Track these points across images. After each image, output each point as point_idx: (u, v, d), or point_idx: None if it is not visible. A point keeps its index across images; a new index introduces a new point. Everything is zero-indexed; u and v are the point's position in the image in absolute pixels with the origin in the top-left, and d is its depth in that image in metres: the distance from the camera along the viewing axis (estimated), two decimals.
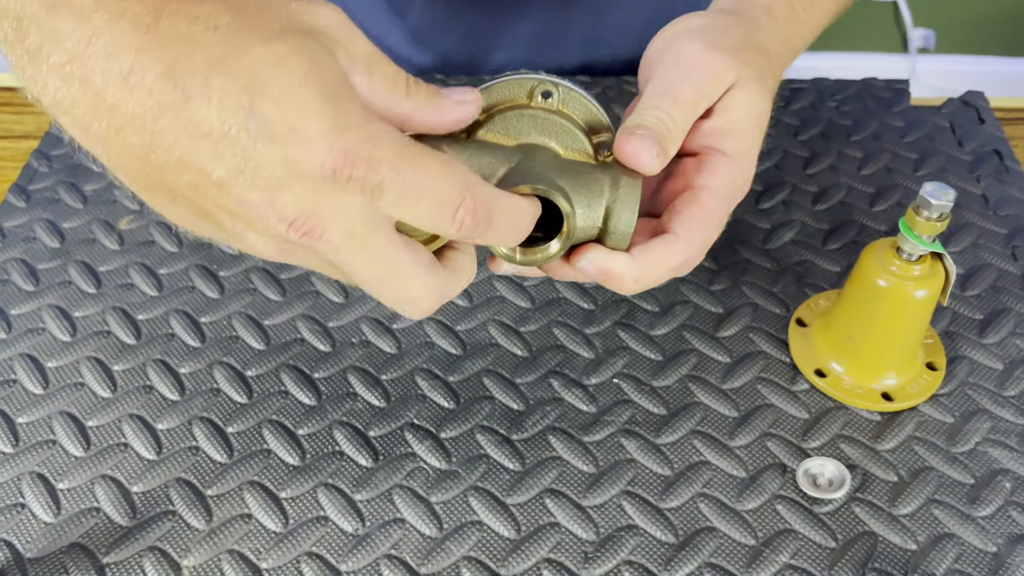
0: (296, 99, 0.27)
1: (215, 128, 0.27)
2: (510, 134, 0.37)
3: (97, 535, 0.43)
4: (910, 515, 0.44)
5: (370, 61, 0.30)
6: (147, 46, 0.27)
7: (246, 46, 0.28)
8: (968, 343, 0.51)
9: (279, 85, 0.27)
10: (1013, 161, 0.62)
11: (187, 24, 0.28)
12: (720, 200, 0.39)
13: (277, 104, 0.27)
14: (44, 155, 0.63)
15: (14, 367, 0.50)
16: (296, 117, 0.27)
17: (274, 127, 0.27)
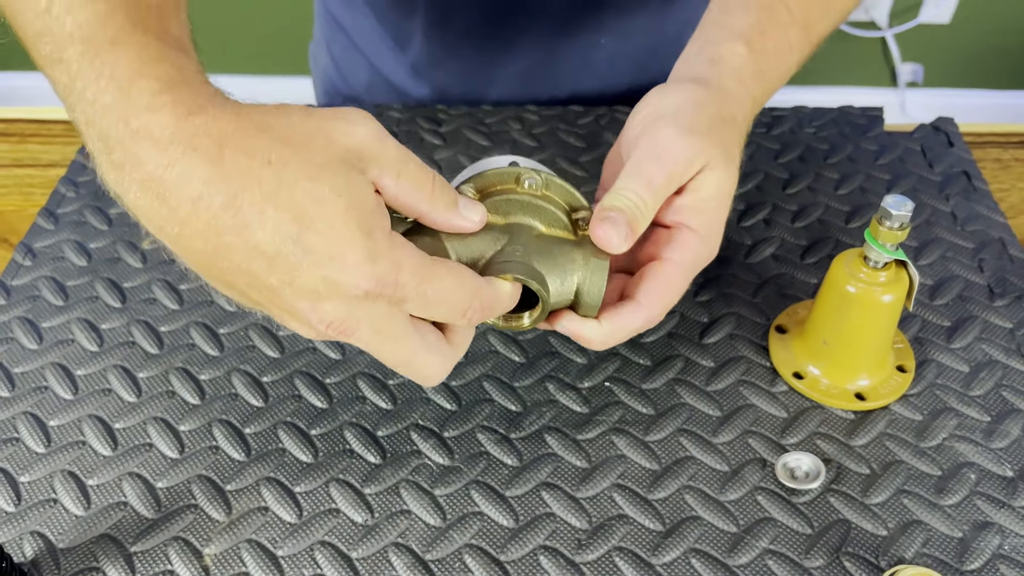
0: (336, 232, 0.34)
1: (269, 249, 0.33)
2: (500, 213, 0.43)
3: (125, 527, 0.46)
4: (881, 504, 0.47)
5: (399, 165, 0.36)
6: (213, 178, 0.33)
7: (294, 181, 0.33)
8: (936, 348, 0.54)
9: (322, 219, 0.33)
10: (980, 181, 0.66)
11: (246, 159, 0.33)
12: (682, 272, 0.43)
13: (320, 236, 0.33)
14: (71, 181, 0.67)
15: (46, 375, 0.53)
16: (336, 247, 0.34)
17: (317, 255, 0.34)
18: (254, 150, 0.34)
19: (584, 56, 0.74)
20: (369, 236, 0.34)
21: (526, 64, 0.75)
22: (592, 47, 0.73)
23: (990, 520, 0.46)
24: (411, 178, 0.37)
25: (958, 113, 0.72)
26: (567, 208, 0.44)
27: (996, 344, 0.54)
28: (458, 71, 0.77)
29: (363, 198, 0.35)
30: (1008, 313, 0.56)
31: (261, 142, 0.34)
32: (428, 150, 0.69)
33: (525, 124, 0.72)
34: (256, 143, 0.34)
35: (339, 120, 0.36)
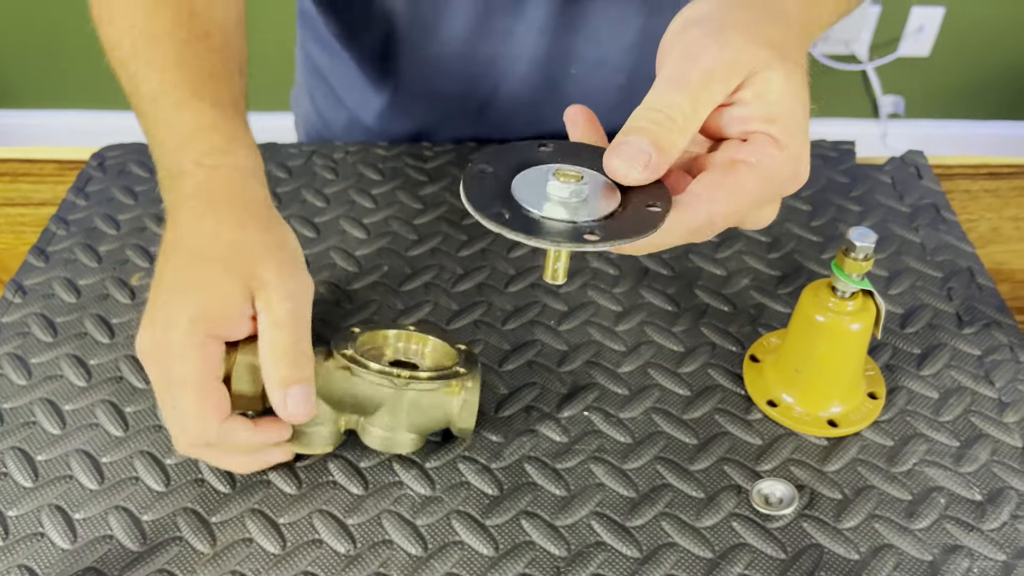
0: (158, 295, 0.47)
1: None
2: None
3: (111, 560, 0.47)
4: (853, 528, 0.48)
5: (278, 320, 0.45)
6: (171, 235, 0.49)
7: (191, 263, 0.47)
8: (906, 375, 0.56)
9: (163, 289, 0.47)
10: (949, 212, 0.68)
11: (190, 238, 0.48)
12: (757, 177, 0.36)
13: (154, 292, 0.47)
14: (62, 219, 0.68)
15: (34, 410, 0.54)
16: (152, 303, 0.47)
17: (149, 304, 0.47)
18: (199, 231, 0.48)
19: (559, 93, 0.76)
20: (191, 325, 0.44)
21: (502, 103, 0.77)
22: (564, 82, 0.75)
23: (960, 543, 0.47)
24: (276, 339, 0.45)
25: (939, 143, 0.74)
26: (443, 357, 0.51)
27: (965, 371, 0.56)
28: (433, 112, 0.79)
29: (217, 295, 0.45)
30: (976, 340, 0.58)
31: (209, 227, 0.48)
32: (414, 186, 0.71)
33: None
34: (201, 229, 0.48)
35: (277, 263, 0.46)
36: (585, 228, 0.33)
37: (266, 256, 0.46)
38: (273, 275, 0.45)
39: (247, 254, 0.46)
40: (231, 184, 0.49)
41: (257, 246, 0.46)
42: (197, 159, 0.49)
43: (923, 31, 2.05)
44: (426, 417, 0.48)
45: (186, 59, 0.51)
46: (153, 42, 0.52)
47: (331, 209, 0.69)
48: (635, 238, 0.33)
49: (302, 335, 0.45)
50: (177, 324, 0.44)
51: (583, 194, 0.34)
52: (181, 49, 0.52)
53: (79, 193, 0.71)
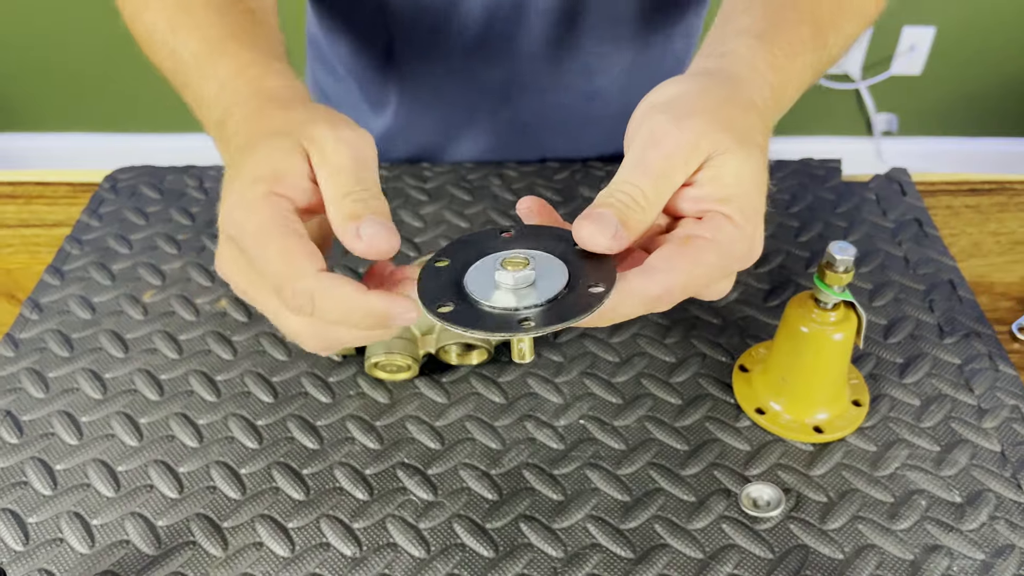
0: (236, 177, 0.42)
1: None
2: None
3: (127, 563, 0.49)
4: (838, 530, 0.50)
5: (337, 168, 0.41)
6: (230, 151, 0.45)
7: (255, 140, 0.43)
8: (889, 383, 0.58)
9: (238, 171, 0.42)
10: (932, 227, 0.70)
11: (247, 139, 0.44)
12: (713, 252, 0.38)
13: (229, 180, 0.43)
14: (76, 239, 0.71)
15: (52, 422, 0.57)
16: (229, 187, 0.42)
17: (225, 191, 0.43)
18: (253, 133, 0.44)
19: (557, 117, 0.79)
20: (252, 184, 0.40)
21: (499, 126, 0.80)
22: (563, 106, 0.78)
23: (940, 543, 0.49)
24: (336, 184, 0.40)
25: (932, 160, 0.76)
26: None
27: (945, 379, 0.58)
28: (432, 134, 0.82)
29: (272, 154, 0.41)
30: (957, 350, 0.60)
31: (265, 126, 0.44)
32: (414, 206, 0.74)
33: (505, 180, 0.76)
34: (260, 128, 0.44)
35: (329, 119, 0.42)
36: (524, 315, 0.36)
37: (314, 119, 0.42)
38: (324, 129, 0.41)
39: (294, 124, 0.42)
40: (275, 95, 0.46)
41: (304, 117, 0.43)
42: (237, 87, 0.47)
43: (915, 50, 2.08)
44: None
45: (223, 17, 0.51)
46: (189, 11, 0.52)
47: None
48: (572, 320, 0.35)
49: (366, 178, 0.41)
50: (238, 189, 0.40)
51: (530, 279, 0.36)
52: (218, 9, 0.52)
53: (92, 214, 0.74)
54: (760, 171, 0.40)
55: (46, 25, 2.05)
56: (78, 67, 2.12)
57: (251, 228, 0.39)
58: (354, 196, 0.39)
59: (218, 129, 0.47)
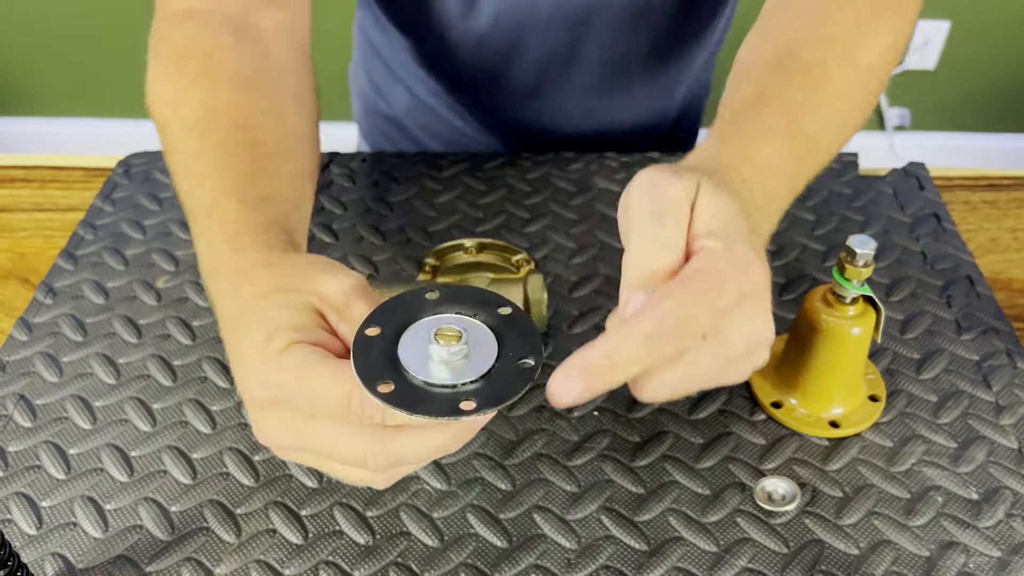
0: (245, 343, 0.39)
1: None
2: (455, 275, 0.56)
3: (140, 548, 0.49)
4: (853, 525, 0.50)
5: (356, 321, 0.38)
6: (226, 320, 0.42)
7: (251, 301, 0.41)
8: (906, 379, 0.58)
9: (243, 337, 0.40)
10: (949, 222, 0.70)
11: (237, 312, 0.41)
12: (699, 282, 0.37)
13: (236, 346, 0.40)
14: (90, 224, 0.71)
15: (66, 406, 0.57)
16: (243, 354, 0.39)
17: (236, 362, 0.40)
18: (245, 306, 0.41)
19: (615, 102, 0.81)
20: (268, 341, 0.38)
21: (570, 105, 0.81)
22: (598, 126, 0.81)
23: (956, 540, 0.49)
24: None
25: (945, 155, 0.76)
26: (506, 255, 0.58)
27: (963, 375, 0.58)
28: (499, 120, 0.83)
29: (281, 311, 0.39)
30: (974, 346, 0.59)
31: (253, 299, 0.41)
32: (429, 195, 0.73)
33: (519, 170, 0.76)
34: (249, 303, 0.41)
35: (321, 270, 0.41)
36: (463, 394, 0.35)
37: (308, 270, 0.41)
38: (329, 283, 0.40)
39: (289, 278, 0.41)
40: (250, 249, 0.44)
41: (293, 269, 0.42)
42: (216, 252, 0.45)
43: (929, 45, 2.07)
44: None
45: (228, 167, 0.48)
46: (201, 158, 0.49)
47: (349, 216, 0.71)
48: (510, 399, 0.35)
49: None
50: (256, 353, 0.38)
51: (464, 352, 0.36)
52: (225, 158, 0.49)
53: (106, 199, 0.73)
54: (736, 208, 0.39)
55: (61, 11, 2.05)
56: (93, 53, 2.12)
57: (288, 374, 0.37)
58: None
59: (211, 279, 0.45)
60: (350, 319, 0.39)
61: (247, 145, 0.50)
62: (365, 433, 0.37)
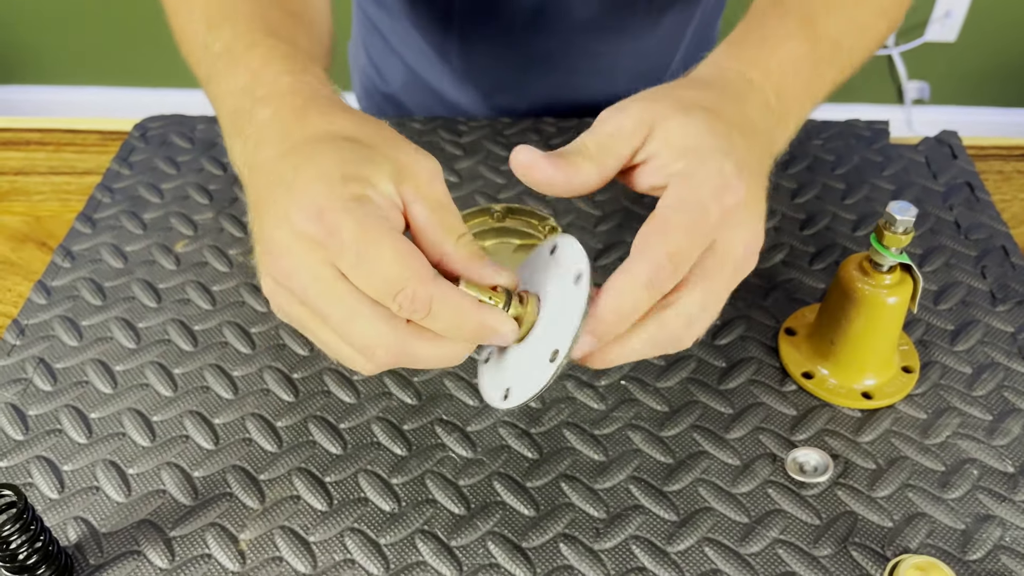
0: (317, 174, 0.36)
1: (272, 179, 0.38)
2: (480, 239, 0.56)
3: (164, 513, 0.49)
4: (887, 497, 0.49)
5: (437, 202, 0.38)
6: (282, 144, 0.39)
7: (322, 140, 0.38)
8: (940, 350, 0.56)
9: (315, 166, 0.36)
10: (983, 192, 0.68)
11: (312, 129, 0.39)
12: (676, 213, 0.37)
13: (305, 176, 0.36)
14: (107, 188, 0.70)
15: (86, 370, 0.56)
16: (307, 183, 0.36)
17: (295, 187, 0.36)
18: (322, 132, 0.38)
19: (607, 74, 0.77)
20: (344, 182, 0.35)
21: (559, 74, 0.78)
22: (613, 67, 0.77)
23: (992, 513, 0.48)
24: (444, 220, 0.37)
25: (963, 130, 0.74)
26: (533, 220, 0.56)
27: (998, 347, 0.56)
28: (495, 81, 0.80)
29: (362, 162, 0.36)
30: (1009, 318, 0.58)
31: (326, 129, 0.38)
32: (449, 160, 0.72)
33: (543, 135, 0.74)
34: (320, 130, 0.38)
35: (411, 144, 0.39)
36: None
37: (393, 139, 0.38)
38: (412, 155, 0.38)
39: (372, 136, 0.38)
40: (323, 91, 0.41)
41: (377, 131, 0.39)
42: (274, 78, 0.41)
43: (950, 16, 2.03)
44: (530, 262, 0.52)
45: (262, 12, 0.46)
46: (227, 4, 0.48)
47: None
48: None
49: (459, 215, 0.39)
50: (328, 186, 0.35)
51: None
52: (258, 4, 0.47)
53: (123, 163, 0.72)
54: (709, 127, 0.39)
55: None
56: (109, 20, 2.10)
57: (353, 228, 0.34)
58: (467, 237, 0.38)
59: (242, 121, 0.41)
60: (428, 199, 0.37)
61: (279, 2, 0.47)
62: (389, 324, 0.35)
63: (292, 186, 0.36)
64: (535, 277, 0.40)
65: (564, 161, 0.39)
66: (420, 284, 0.34)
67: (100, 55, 2.18)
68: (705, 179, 0.38)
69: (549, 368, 0.35)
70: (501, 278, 0.38)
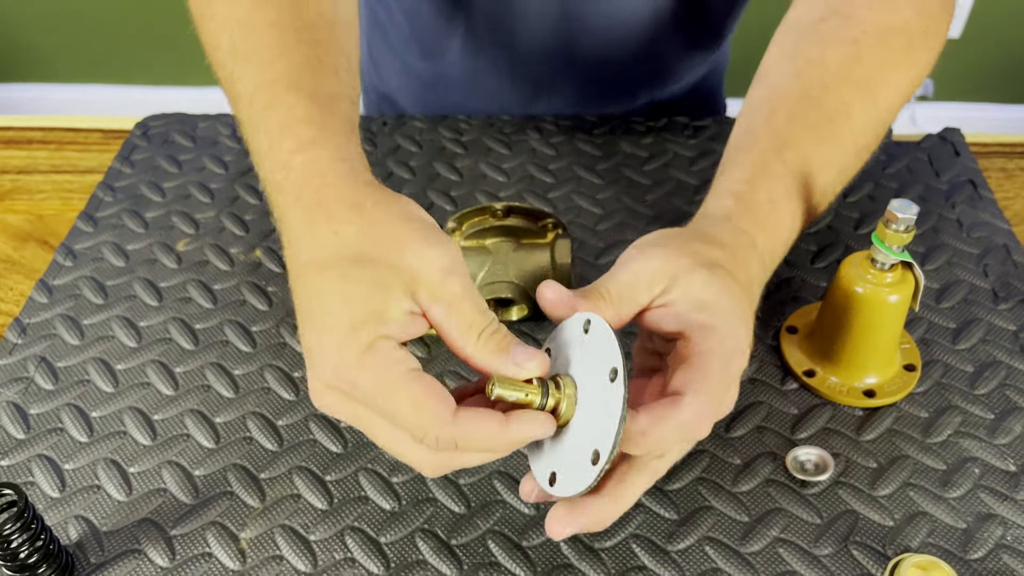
0: (330, 319, 0.37)
1: (302, 307, 0.39)
2: (481, 239, 0.57)
3: (165, 512, 0.49)
4: (888, 496, 0.49)
5: (452, 302, 0.38)
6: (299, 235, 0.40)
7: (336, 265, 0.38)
8: (942, 349, 0.56)
9: (329, 304, 0.38)
10: (986, 189, 0.68)
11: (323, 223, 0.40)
12: (718, 359, 0.39)
13: (320, 316, 0.38)
14: (109, 186, 0.70)
15: (88, 369, 0.56)
16: (324, 331, 0.37)
17: (315, 330, 0.38)
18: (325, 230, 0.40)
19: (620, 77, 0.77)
20: (353, 332, 0.36)
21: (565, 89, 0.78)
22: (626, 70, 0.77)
23: (993, 512, 0.48)
24: (462, 318, 0.38)
25: (967, 126, 0.74)
26: (533, 220, 0.57)
27: (1000, 345, 0.56)
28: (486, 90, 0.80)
29: (371, 292, 0.37)
30: (1012, 316, 0.58)
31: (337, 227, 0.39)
32: (449, 158, 0.72)
33: (543, 133, 0.74)
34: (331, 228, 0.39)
35: (419, 238, 0.39)
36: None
37: (404, 238, 0.38)
38: (424, 257, 0.38)
39: (382, 244, 0.38)
40: (332, 176, 0.41)
41: (387, 228, 0.39)
42: (286, 160, 0.42)
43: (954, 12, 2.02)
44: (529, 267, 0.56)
45: (287, 49, 0.46)
46: (253, 33, 0.47)
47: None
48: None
49: (480, 302, 0.39)
50: (337, 341, 0.37)
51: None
52: (282, 38, 0.46)
53: (124, 161, 0.72)
54: (728, 286, 0.42)
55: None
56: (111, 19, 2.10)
57: (369, 384, 0.36)
58: (489, 329, 0.38)
59: (270, 187, 0.43)
60: (443, 300, 0.38)
61: (305, 27, 0.47)
62: (427, 451, 0.37)
63: (314, 333, 0.38)
64: (568, 352, 0.40)
65: (587, 303, 0.40)
66: (441, 428, 0.36)
67: (102, 53, 2.18)
68: (726, 337, 0.40)
69: (592, 471, 0.36)
70: (531, 366, 0.38)
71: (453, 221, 0.58)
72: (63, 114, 2.21)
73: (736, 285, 0.42)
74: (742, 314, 0.41)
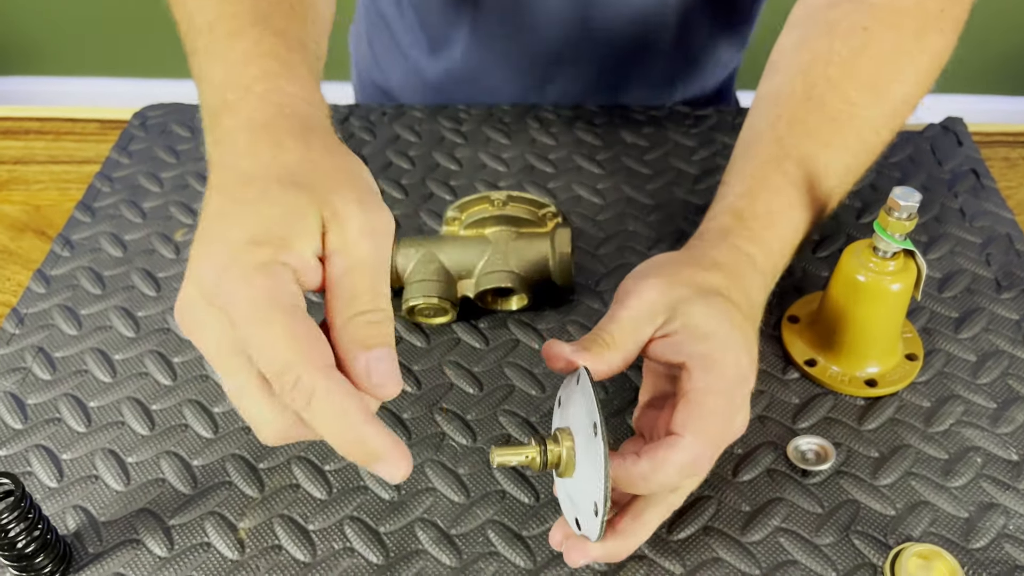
0: (227, 228, 0.34)
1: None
2: (481, 227, 0.57)
3: (163, 502, 0.48)
4: (889, 485, 0.48)
5: (353, 264, 0.35)
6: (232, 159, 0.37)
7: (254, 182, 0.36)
8: (944, 338, 0.56)
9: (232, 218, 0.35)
10: (989, 179, 0.67)
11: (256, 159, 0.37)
12: (716, 396, 0.40)
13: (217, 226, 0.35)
14: (106, 177, 0.69)
15: (85, 359, 0.56)
16: (217, 238, 0.34)
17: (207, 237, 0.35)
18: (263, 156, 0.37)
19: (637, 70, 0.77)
20: (251, 246, 0.33)
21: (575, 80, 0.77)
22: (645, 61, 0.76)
23: (995, 501, 0.48)
24: (352, 286, 0.34)
25: (969, 117, 0.74)
26: (533, 209, 0.57)
27: (1002, 335, 0.56)
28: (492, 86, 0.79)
29: (284, 215, 0.34)
30: (1014, 305, 0.58)
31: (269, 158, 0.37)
32: (449, 148, 0.72)
33: (543, 123, 0.74)
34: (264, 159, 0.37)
35: (354, 194, 0.35)
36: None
37: (340, 182, 0.35)
38: (351, 205, 0.35)
39: (315, 175, 0.35)
40: (290, 108, 0.38)
41: (327, 168, 0.36)
42: (247, 84, 0.38)
43: None
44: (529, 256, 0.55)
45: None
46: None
47: (370, 169, 0.70)
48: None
49: (382, 285, 0.35)
50: (230, 247, 0.33)
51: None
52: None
53: (122, 151, 0.72)
54: (728, 312, 0.42)
55: None
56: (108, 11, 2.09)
57: (248, 303, 0.32)
58: (369, 316, 0.34)
59: (212, 119, 0.40)
60: (347, 254, 0.34)
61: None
62: (274, 410, 0.34)
63: (208, 236, 0.34)
64: (569, 404, 0.42)
65: (590, 354, 0.41)
66: (306, 369, 0.31)
67: (99, 46, 2.17)
68: (728, 367, 0.41)
69: (596, 522, 0.38)
70: (377, 387, 0.33)
71: (453, 210, 0.57)
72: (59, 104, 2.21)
73: (736, 311, 0.43)
74: (744, 340, 0.42)
